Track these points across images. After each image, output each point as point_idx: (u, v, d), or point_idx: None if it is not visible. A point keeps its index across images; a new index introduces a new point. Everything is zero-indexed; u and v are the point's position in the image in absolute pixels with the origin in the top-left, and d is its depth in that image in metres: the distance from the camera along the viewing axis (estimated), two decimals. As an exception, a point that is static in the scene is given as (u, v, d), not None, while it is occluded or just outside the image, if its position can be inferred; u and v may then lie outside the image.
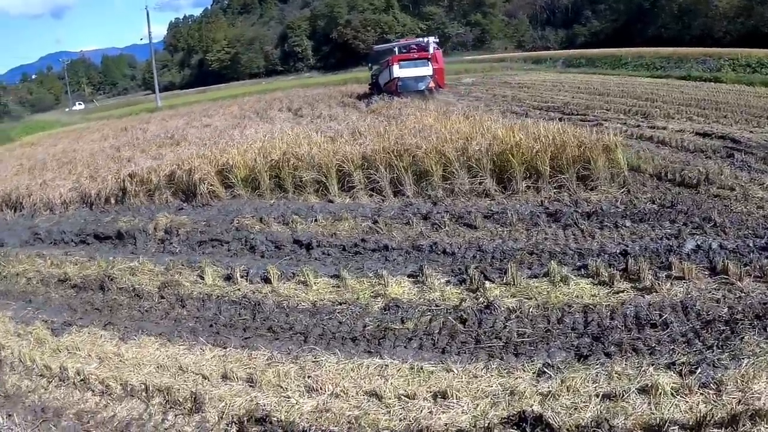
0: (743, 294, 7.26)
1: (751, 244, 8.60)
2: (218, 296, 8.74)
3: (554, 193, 11.90)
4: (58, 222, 14.91)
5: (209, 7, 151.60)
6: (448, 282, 8.18)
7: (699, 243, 8.78)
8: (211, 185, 13.96)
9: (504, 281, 7.99)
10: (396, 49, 35.01)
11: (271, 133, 19.23)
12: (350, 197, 12.88)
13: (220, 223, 12.25)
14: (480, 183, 12.46)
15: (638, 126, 18.75)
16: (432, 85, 31.42)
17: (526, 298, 7.45)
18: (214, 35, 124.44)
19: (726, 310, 6.91)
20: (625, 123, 19.37)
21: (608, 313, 7.04)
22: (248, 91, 70.66)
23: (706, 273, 7.94)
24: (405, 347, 6.64)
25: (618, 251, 8.93)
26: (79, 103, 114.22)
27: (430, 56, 32.43)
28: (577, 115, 21.95)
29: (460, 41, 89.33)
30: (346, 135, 16.69)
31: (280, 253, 10.27)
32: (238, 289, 8.85)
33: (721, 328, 6.49)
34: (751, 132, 16.75)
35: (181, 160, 15.60)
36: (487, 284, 7.93)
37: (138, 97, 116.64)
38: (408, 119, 18.41)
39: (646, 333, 6.57)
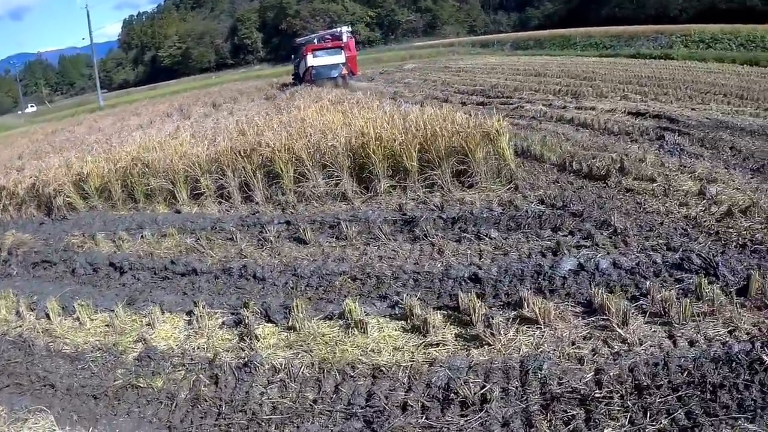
0: (626, 347, 4.73)
1: (659, 260, 6.06)
2: (2, 334, 7.34)
3: (424, 193, 9.34)
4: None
5: (162, 3, 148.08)
6: (223, 324, 6.33)
7: (582, 261, 6.19)
8: (68, 197, 12.58)
9: (290, 323, 5.95)
10: (315, 40, 36.77)
11: (166, 132, 17.97)
12: (198, 206, 11.18)
13: (56, 241, 10.80)
14: (336, 185, 10.12)
15: (564, 107, 16.44)
16: (345, 72, 32.37)
17: (305, 351, 5.44)
18: (166, 31, 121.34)
19: (590, 376, 4.41)
20: (550, 104, 17.11)
21: (406, 380, 4.71)
22: (193, 87, 69.38)
23: (577, 311, 5.31)
24: (139, 415, 5.08)
25: (467, 275, 6.37)
26: (32, 105, 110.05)
27: (342, 45, 34.29)
28: (502, 97, 20.03)
29: (410, 27, 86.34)
30: (210, 133, 14.74)
31: (96, 277, 8.86)
32: (20, 326, 7.43)
33: (570, 413, 4.05)
34: (693, 110, 14.58)
35: (39, 170, 14.39)
36: (268, 327, 6.06)
37: (92, 96, 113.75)
38: (290, 111, 15.92)
39: (447, 417, 4.21)
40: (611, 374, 4.31)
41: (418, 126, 9.82)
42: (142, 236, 9.90)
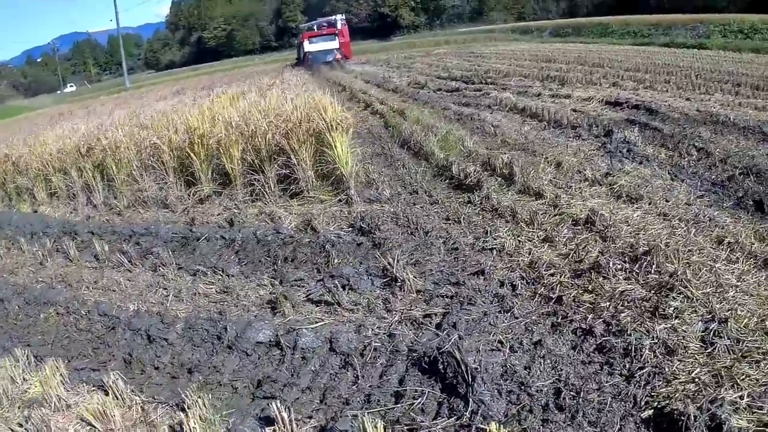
0: None
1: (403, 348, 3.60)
2: None
3: (244, 202, 7.12)
4: None
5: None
6: None
7: (283, 332, 3.76)
8: None
9: None
10: (315, 27, 40.00)
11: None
12: (51, 206, 10.22)
13: None
14: (161, 189, 8.38)
15: (539, 95, 13.98)
16: (339, 56, 35.25)
17: None
18: (212, 12, 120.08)
19: None
20: (525, 92, 14.67)
21: None
22: (224, 69, 67.28)
23: None
24: None
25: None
26: (71, 86, 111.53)
27: (337, 31, 37.21)
28: (484, 83, 17.71)
29: (456, 13, 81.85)
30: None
31: None
32: None
33: None
34: (688, 99, 11.85)
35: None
36: None
37: (137, 75, 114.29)
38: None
39: None
40: None
41: (255, 120, 7.39)
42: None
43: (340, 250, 5.10)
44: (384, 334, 3.72)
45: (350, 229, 5.61)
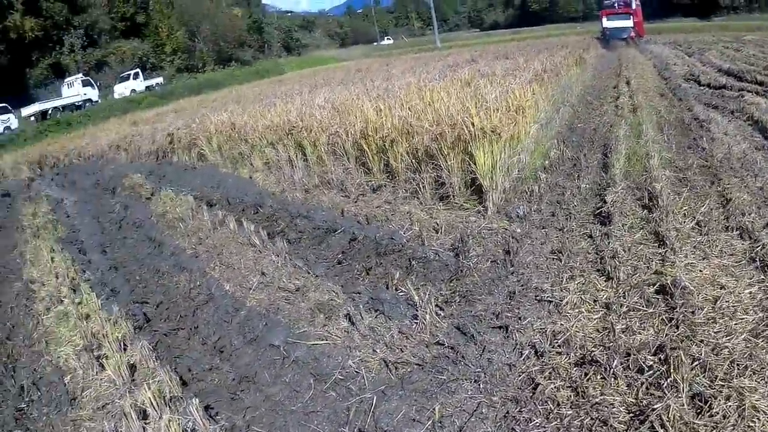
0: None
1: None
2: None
3: (405, 198, 7.44)
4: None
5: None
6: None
7: None
8: (202, 149, 13.50)
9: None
10: (615, 4, 39.58)
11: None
12: (263, 174, 10.64)
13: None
14: (344, 173, 8.77)
15: None
16: (633, 34, 35.64)
17: None
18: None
19: None
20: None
21: None
22: (538, 36, 61.91)
23: None
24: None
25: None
26: (388, 38, 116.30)
27: (631, 11, 37.34)
28: (753, 82, 15.21)
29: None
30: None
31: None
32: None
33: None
34: None
35: (188, 125, 15.95)
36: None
37: (456, 33, 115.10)
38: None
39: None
40: None
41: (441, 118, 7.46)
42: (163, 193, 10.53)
43: (423, 268, 5.05)
44: (354, 369, 3.75)
45: (452, 251, 5.48)
